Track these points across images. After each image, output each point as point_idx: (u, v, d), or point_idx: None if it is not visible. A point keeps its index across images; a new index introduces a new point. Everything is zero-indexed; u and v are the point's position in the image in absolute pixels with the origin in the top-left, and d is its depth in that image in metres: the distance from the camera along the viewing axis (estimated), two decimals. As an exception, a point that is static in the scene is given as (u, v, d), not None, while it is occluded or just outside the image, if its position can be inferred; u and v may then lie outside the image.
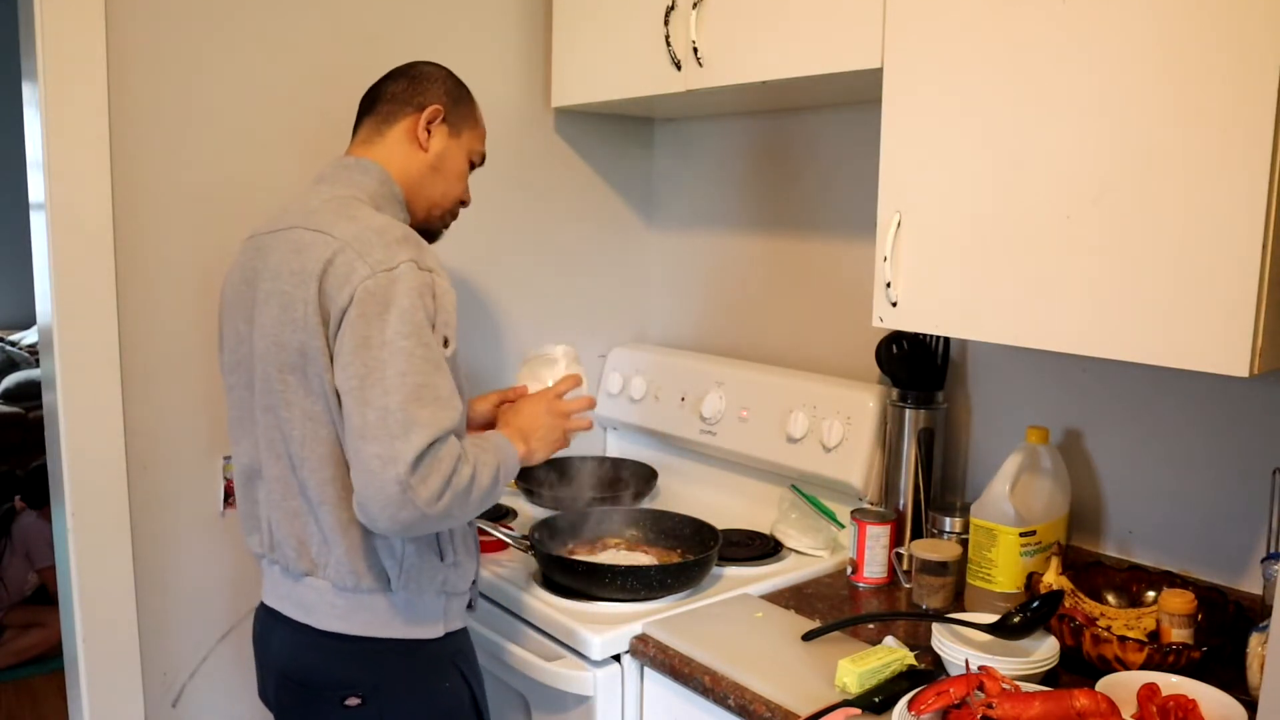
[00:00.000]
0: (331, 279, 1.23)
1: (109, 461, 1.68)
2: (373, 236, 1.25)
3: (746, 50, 1.67)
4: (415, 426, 1.17)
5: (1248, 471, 1.48)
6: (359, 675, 1.31)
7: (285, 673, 1.36)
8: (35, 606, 3.61)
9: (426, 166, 1.44)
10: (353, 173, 1.40)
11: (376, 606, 1.31)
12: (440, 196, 1.48)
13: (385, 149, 1.43)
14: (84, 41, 1.60)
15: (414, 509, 1.17)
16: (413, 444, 1.16)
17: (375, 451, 1.16)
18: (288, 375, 1.27)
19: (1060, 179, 1.28)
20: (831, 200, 2.01)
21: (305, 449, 1.27)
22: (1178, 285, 1.18)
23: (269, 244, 1.34)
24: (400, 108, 1.44)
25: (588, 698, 1.51)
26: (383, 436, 1.16)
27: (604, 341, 2.39)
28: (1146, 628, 1.43)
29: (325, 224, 1.28)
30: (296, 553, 1.32)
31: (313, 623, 1.32)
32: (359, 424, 1.18)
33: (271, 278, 1.30)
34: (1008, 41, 1.31)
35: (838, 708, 1.25)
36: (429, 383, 1.19)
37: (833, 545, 1.84)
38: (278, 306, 1.27)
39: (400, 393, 1.17)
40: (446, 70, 1.50)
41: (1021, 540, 1.54)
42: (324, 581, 1.31)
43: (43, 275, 1.65)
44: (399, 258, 1.23)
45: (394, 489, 1.16)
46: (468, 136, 1.50)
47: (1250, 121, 1.10)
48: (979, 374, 1.80)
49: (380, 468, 1.16)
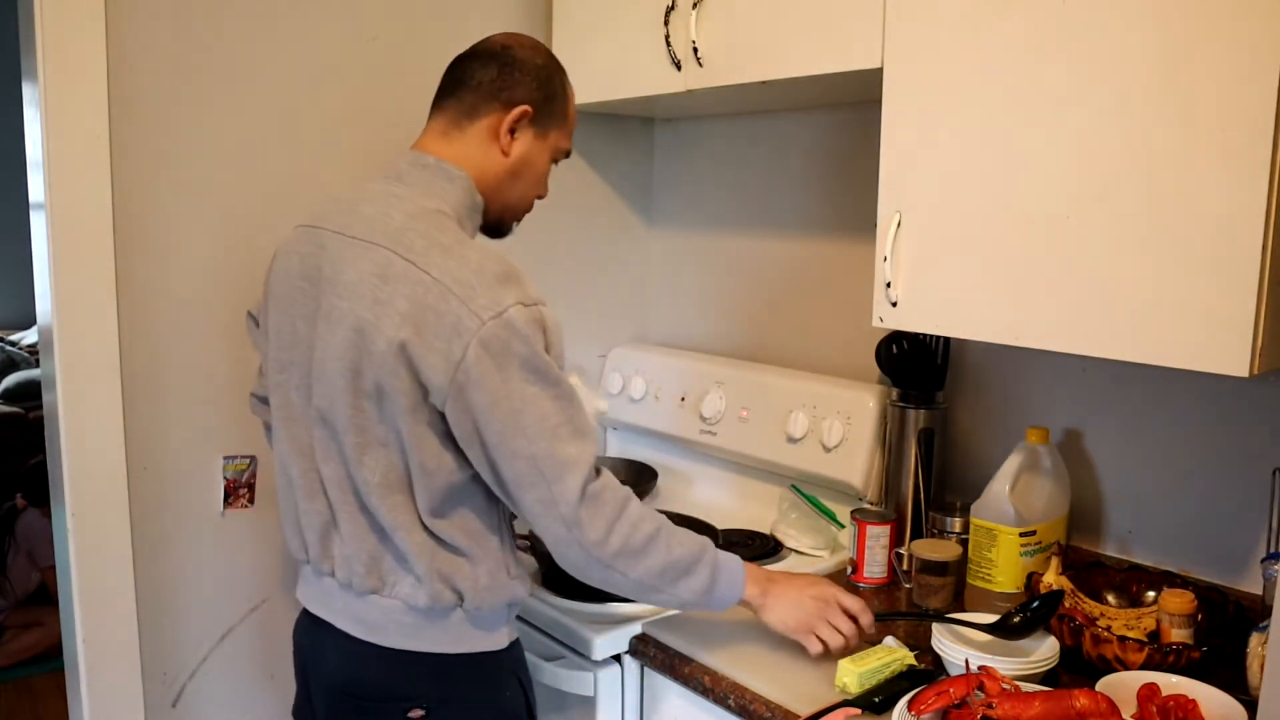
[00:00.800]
0: (432, 327, 1.15)
1: (109, 461, 1.68)
2: (472, 277, 1.16)
3: (746, 50, 1.67)
4: (567, 466, 1.17)
5: (1248, 471, 1.48)
6: (424, 688, 1.28)
7: (341, 688, 1.31)
8: (34, 606, 3.61)
9: (505, 171, 1.34)
10: (436, 179, 1.29)
11: (447, 623, 1.28)
12: (517, 200, 1.39)
13: (464, 146, 1.32)
14: (84, 41, 1.60)
15: (580, 550, 1.19)
16: (569, 485, 1.17)
17: (533, 498, 1.17)
18: (363, 402, 1.21)
19: (1060, 179, 1.28)
20: (831, 200, 2.01)
21: (375, 474, 1.22)
22: (1178, 285, 1.18)
23: (340, 251, 1.24)
24: (486, 101, 1.31)
25: (588, 698, 1.51)
26: (538, 483, 1.17)
27: (604, 341, 2.39)
28: (1146, 628, 1.43)
29: (419, 255, 1.18)
30: (366, 569, 1.26)
31: (378, 640, 1.28)
32: (511, 476, 1.18)
33: (347, 296, 1.21)
34: (1008, 41, 1.31)
35: (838, 708, 1.25)
36: (565, 419, 1.18)
37: (833, 545, 1.84)
38: (352, 331, 1.19)
39: (543, 439, 1.16)
40: (544, 54, 1.37)
41: (1021, 540, 1.54)
42: (394, 601, 1.26)
43: (43, 275, 1.65)
44: (505, 300, 1.16)
45: (560, 529, 1.18)
46: (555, 136, 1.38)
47: (1250, 121, 1.10)
48: (979, 374, 1.81)
49: (543, 511, 1.18)
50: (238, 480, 1.83)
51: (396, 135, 1.93)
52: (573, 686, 1.51)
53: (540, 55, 1.36)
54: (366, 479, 1.23)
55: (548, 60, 1.37)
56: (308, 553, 1.34)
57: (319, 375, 1.24)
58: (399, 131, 1.93)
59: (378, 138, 1.91)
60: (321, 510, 1.30)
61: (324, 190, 1.83)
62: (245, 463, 1.83)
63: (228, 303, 1.78)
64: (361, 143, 1.90)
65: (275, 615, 1.91)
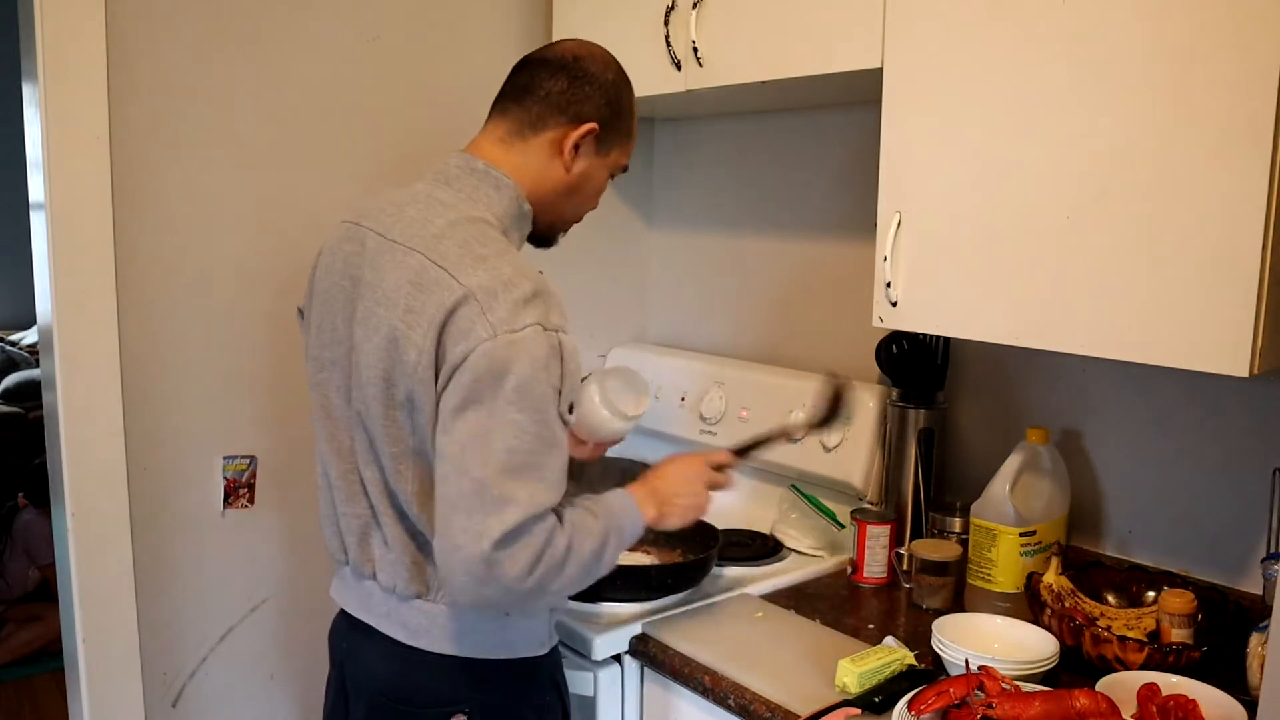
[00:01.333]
0: (451, 332, 1.12)
1: (109, 461, 1.68)
2: (500, 289, 1.13)
3: (746, 50, 1.67)
4: (510, 504, 1.09)
5: (1248, 471, 1.48)
6: (467, 693, 1.26)
7: (383, 692, 1.29)
8: (35, 603, 3.62)
9: (564, 186, 1.31)
10: (484, 185, 1.26)
11: (491, 629, 1.26)
12: (572, 213, 1.37)
13: (524, 156, 1.28)
14: (84, 41, 1.59)
15: (499, 585, 1.10)
16: (505, 520, 1.09)
17: (463, 524, 1.09)
18: (395, 412, 1.19)
19: (1060, 179, 1.28)
20: (831, 200, 2.01)
21: (411, 484, 1.21)
22: (1178, 285, 1.18)
23: (380, 254, 1.22)
24: (553, 114, 1.27)
25: (588, 698, 1.51)
26: (475, 509, 1.09)
27: (604, 341, 2.39)
28: (1146, 628, 1.43)
29: (452, 263, 1.15)
30: (409, 575, 1.25)
31: (421, 645, 1.26)
32: (452, 492, 1.11)
33: (383, 302, 1.19)
34: (1008, 41, 1.31)
35: (838, 708, 1.25)
36: (535, 462, 1.12)
37: (833, 545, 1.84)
38: (386, 339, 1.17)
39: (501, 467, 1.10)
40: (614, 69, 1.32)
41: (1021, 540, 1.54)
42: (438, 606, 1.25)
43: (43, 275, 1.65)
44: (524, 320, 1.12)
45: (478, 566, 1.09)
46: (617, 153, 1.35)
47: (1250, 121, 1.10)
48: (979, 374, 1.80)
49: (466, 541, 1.09)
50: (238, 480, 1.83)
51: (398, 134, 1.94)
52: (573, 686, 1.50)
53: (611, 70, 1.32)
54: (404, 488, 1.21)
55: (617, 76, 1.33)
56: (347, 555, 1.32)
57: (357, 380, 1.23)
58: (400, 131, 1.94)
59: (379, 138, 1.91)
60: (362, 513, 1.28)
61: (323, 190, 1.85)
62: (245, 463, 1.83)
63: (228, 302, 1.79)
64: (363, 142, 1.90)
65: (275, 615, 1.91)
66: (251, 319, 1.81)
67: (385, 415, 1.20)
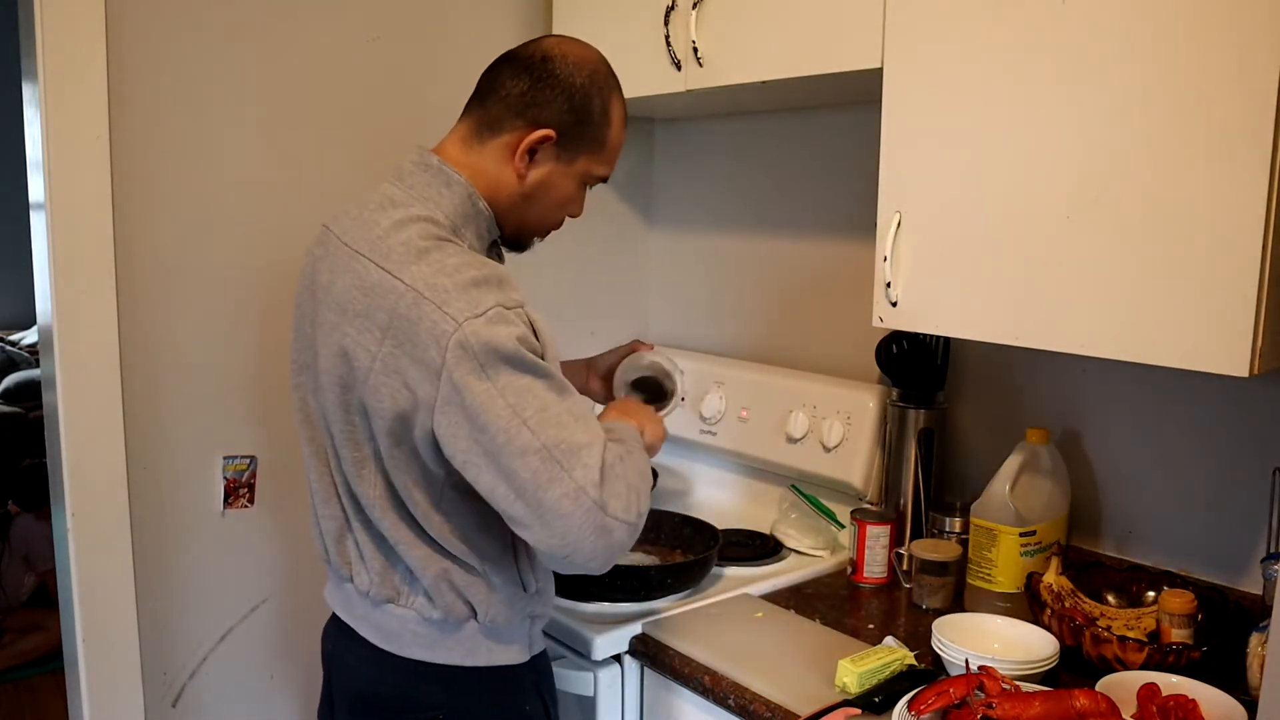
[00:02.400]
0: (409, 337, 1.10)
1: (109, 461, 1.68)
2: (447, 283, 1.10)
3: (746, 50, 1.67)
4: (580, 449, 1.08)
5: (1248, 471, 1.48)
6: (443, 699, 1.26)
7: (363, 695, 1.30)
8: (35, 610, 3.61)
9: (518, 194, 1.25)
10: (435, 182, 1.22)
11: (462, 636, 1.25)
12: (536, 221, 1.31)
13: (480, 158, 1.24)
14: (84, 41, 1.59)
15: (620, 525, 1.09)
16: (589, 463, 1.08)
17: (559, 493, 1.07)
18: (353, 417, 1.19)
19: (1060, 179, 1.28)
20: (831, 200, 2.01)
21: (373, 490, 1.20)
22: (1177, 285, 1.18)
23: (335, 258, 1.21)
24: (510, 116, 1.22)
25: (588, 698, 1.51)
26: (559, 475, 1.07)
27: (604, 341, 2.38)
28: (1146, 628, 1.43)
29: (395, 263, 1.13)
30: (380, 579, 1.25)
31: (396, 650, 1.25)
32: (528, 477, 1.07)
33: (335, 308, 1.18)
34: (1008, 41, 1.31)
35: (838, 708, 1.25)
36: (567, 408, 1.10)
37: (833, 545, 1.84)
38: (339, 346, 1.17)
39: (549, 426, 1.08)
40: (587, 71, 1.24)
41: (1021, 540, 1.54)
42: (409, 611, 1.24)
43: (43, 275, 1.65)
44: (485, 303, 1.09)
45: (597, 517, 1.07)
46: (586, 162, 1.27)
47: (1250, 121, 1.10)
48: (979, 374, 1.80)
49: (572, 506, 1.07)
50: (238, 480, 1.83)
51: (397, 135, 1.94)
52: (573, 686, 1.50)
53: (582, 73, 1.23)
54: (366, 491, 1.21)
55: (589, 79, 1.24)
56: (329, 557, 1.32)
57: (319, 385, 1.23)
58: (399, 131, 1.94)
59: (379, 138, 1.91)
60: (336, 515, 1.28)
61: (323, 191, 1.85)
62: (245, 463, 1.83)
63: (228, 302, 1.79)
64: (363, 143, 1.90)
65: (275, 615, 1.91)
66: (252, 319, 1.81)
67: (344, 420, 1.19)
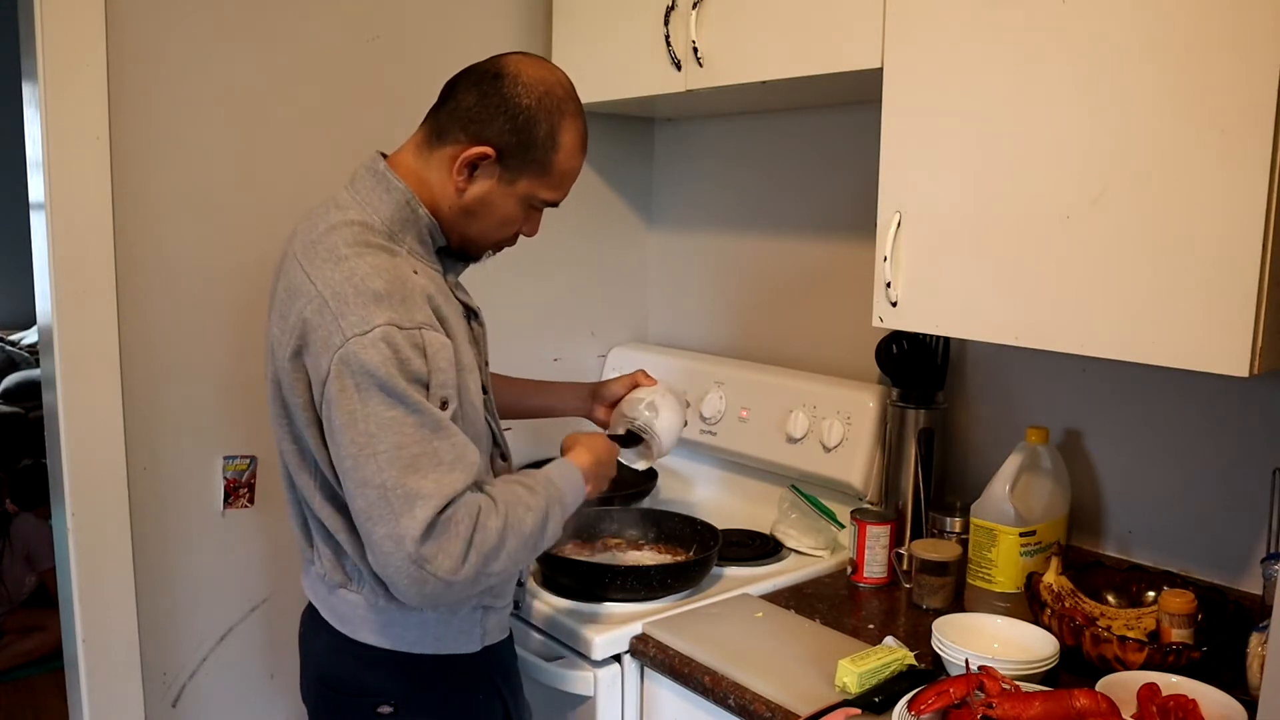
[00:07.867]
0: (311, 338, 1.14)
1: (109, 461, 1.68)
2: (350, 292, 1.12)
3: (746, 50, 1.67)
4: (418, 499, 1.09)
5: (1248, 471, 1.48)
6: (392, 685, 1.28)
7: (322, 677, 1.34)
8: (35, 610, 3.60)
9: (458, 207, 1.25)
10: (377, 187, 1.24)
11: (410, 622, 1.28)
12: (477, 236, 1.30)
13: (425, 166, 1.25)
14: (84, 41, 1.60)
15: (439, 581, 1.10)
16: (418, 516, 1.08)
17: (383, 533, 1.09)
18: (286, 411, 1.25)
19: (1060, 179, 1.28)
20: (831, 200, 2.01)
21: (311, 482, 1.25)
22: (1178, 285, 1.18)
23: (285, 260, 1.26)
24: (455, 129, 1.23)
25: (588, 698, 1.51)
26: (387, 516, 1.09)
27: (604, 341, 2.39)
28: (1146, 628, 1.43)
29: (316, 267, 1.17)
30: (332, 565, 1.29)
31: (348, 633, 1.29)
32: (362, 506, 1.11)
33: (273, 310, 1.24)
34: (1008, 41, 1.31)
35: (838, 708, 1.25)
36: (428, 450, 1.11)
37: (833, 545, 1.84)
38: (272, 346, 1.24)
39: (395, 467, 1.09)
40: (539, 93, 1.22)
41: (1021, 540, 1.54)
42: (359, 595, 1.27)
43: (43, 275, 1.65)
44: (375, 320, 1.10)
45: (411, 569, 1.09)
46: (529, 184, 1.25)
47: (1250, 121, 1.10)
48: (979, 374, 1.80)
49: (392, 549, 1.09)
50: (238, 480, 1.83)
51: (397, 135, 1.94)
52: (573, 686, 1.51)
53: (532, 95, 1.21)
54: (305, 484, 1.26)
55: (538, 102, 1.22)
56: (300, 543, 1.37)
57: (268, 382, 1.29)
58: (399, 132, 1.94)
59: (379, 138, 1.90)
60: (296, 502, 1.33)
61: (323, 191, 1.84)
62: (245, 463, 1.83)
63: (228, 303, 1.79)
64: (362, 143, 1.88)
65: (275, 615, 1.91)
66: (252, 319, 1.81)
67: (281, 416, 1.25)
